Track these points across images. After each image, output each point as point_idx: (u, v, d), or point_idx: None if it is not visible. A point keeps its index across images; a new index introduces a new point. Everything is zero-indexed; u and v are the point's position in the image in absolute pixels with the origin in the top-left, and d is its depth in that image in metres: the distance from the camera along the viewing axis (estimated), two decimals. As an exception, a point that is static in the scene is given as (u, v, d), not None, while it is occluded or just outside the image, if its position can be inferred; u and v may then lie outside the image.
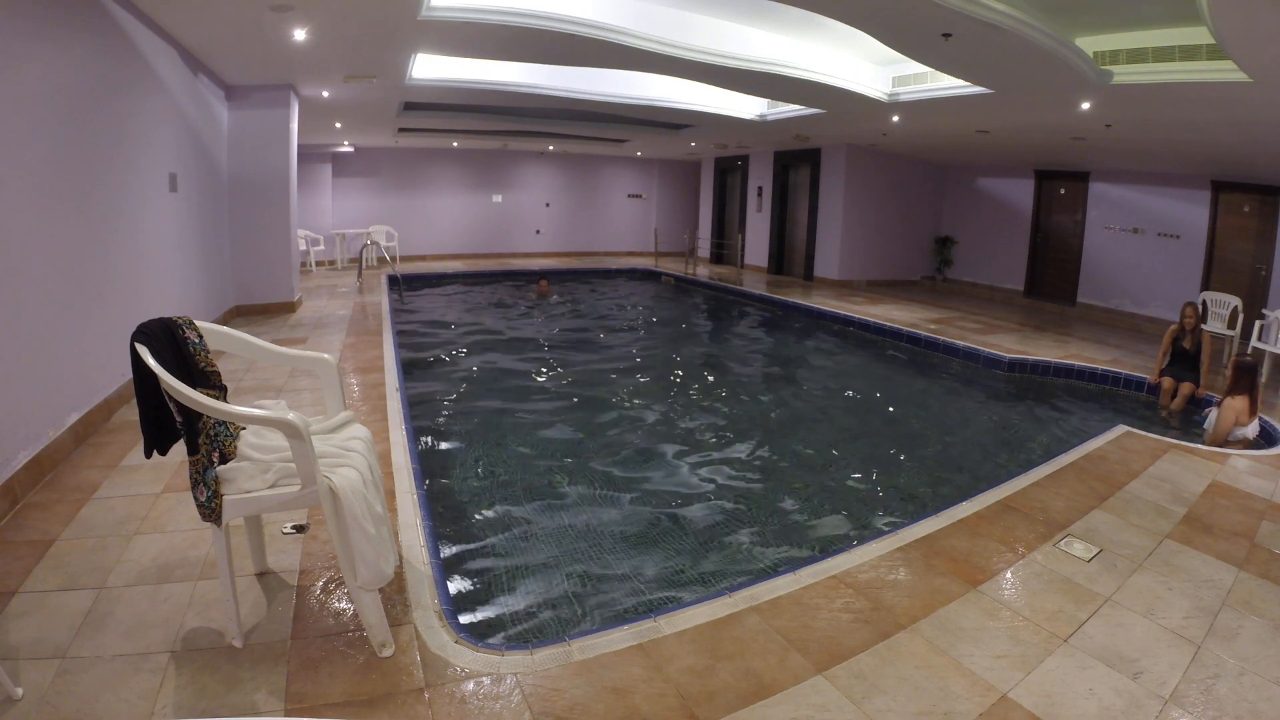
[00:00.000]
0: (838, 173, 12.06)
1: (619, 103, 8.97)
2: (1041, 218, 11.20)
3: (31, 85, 3.39)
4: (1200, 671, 2.19)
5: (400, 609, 2.36)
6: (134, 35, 4.81)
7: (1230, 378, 4.93)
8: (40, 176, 3.47)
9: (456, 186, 15.34)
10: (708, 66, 6.65)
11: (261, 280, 7.95)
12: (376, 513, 2.16)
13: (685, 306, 11.39)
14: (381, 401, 4.66)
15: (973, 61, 5.89)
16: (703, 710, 1.95)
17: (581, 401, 5.84)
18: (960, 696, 2.04)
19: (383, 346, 6.35)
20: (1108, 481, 3.78)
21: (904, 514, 3.80)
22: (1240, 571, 2.84)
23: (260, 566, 2.55)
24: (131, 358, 2.07)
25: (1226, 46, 4.53)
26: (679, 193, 17.90)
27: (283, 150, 7.83)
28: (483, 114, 10.29)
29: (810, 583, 2.65)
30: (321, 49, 5.94)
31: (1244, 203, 8.64)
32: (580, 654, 2.18)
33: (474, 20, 5.22)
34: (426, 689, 1.98)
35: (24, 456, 3.17)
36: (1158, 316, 9.23)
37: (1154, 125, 7.21)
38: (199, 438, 2.04)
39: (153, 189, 5.22)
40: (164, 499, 3.11)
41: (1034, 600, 2.59)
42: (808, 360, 8.05)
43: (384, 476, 3.27)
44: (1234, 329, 7.26)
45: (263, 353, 2.48)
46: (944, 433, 5.38)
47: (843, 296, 10.86)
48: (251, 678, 1.99)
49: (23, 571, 2.48)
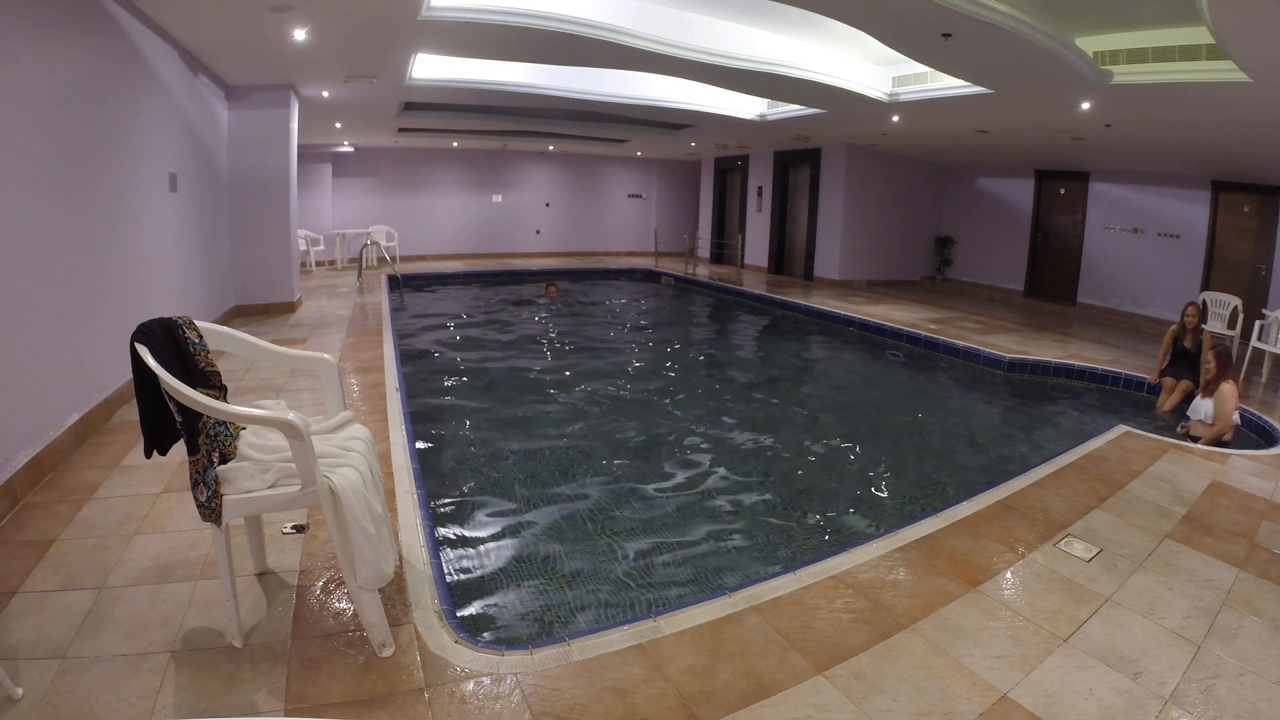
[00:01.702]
0: (838, 173, 12.06)
1: (619, 103, 8.97)
2: (1041, 218, 11.19)
3: (32, 85, 3.39)
4: (1200, 671, 2.19)
5: (400, 609, 2.36)
6: (134, 35, 4.81)
7: (1216, 366, 4.99)
8: (40, 176, 3.47)
9: (456, 186, 15.34)
10: (708, 66, 6.65)
11: (261, 280, 7.95)
12: (376, 513, 2.16)
13: (685, 307, 11.38)
14: (381, 401, 4.66)
15: (973, 61, 5.88)
16: (703, 710, 1.95)
17: (581, 401, 5.84)
18: (960, 696, 2.04)
19: (383, 346, 6.35)
20: (1108, 481, 3.78)
21: (904, 514, 3.80)
22: (1240, 571, 2.84)
23: (260, 566, 2.55)
24: (131, 358, 2.07)
25: (1226, 46, 4.53)
26: (679, 193, 17.90)
27: (283, 150, 7.83)
28: (483, 114, 10.29)
29: (810, 583, 2.65)
30: (321, 49, 5.94)
31: (1244, 203, 8.63)
32: (580, 654, 2.18)
33: (474, 20, 5.22)
34: (426, 689, 1.98)
35: (24, 456, 3.17)
36: (1158, 316, 9.22)
37: (1154, 125, 7.21)
38: (199, 438, 2.04)
39: (153, 189, 5.22)
40: (164, 499, 3.11)
41: (1034, 600, 2.59)
42: (807, 360, 8.05)
43: (384, 476, 3.27)
44: (1234, 329, 7.26)
45: (263, 353, 2.48)
46: (944, 433, 5.38)
47: (843, 296, 10.86)
48: (251, 678, 1.99)
49: (23, 571, 2.48)
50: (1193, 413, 5.13)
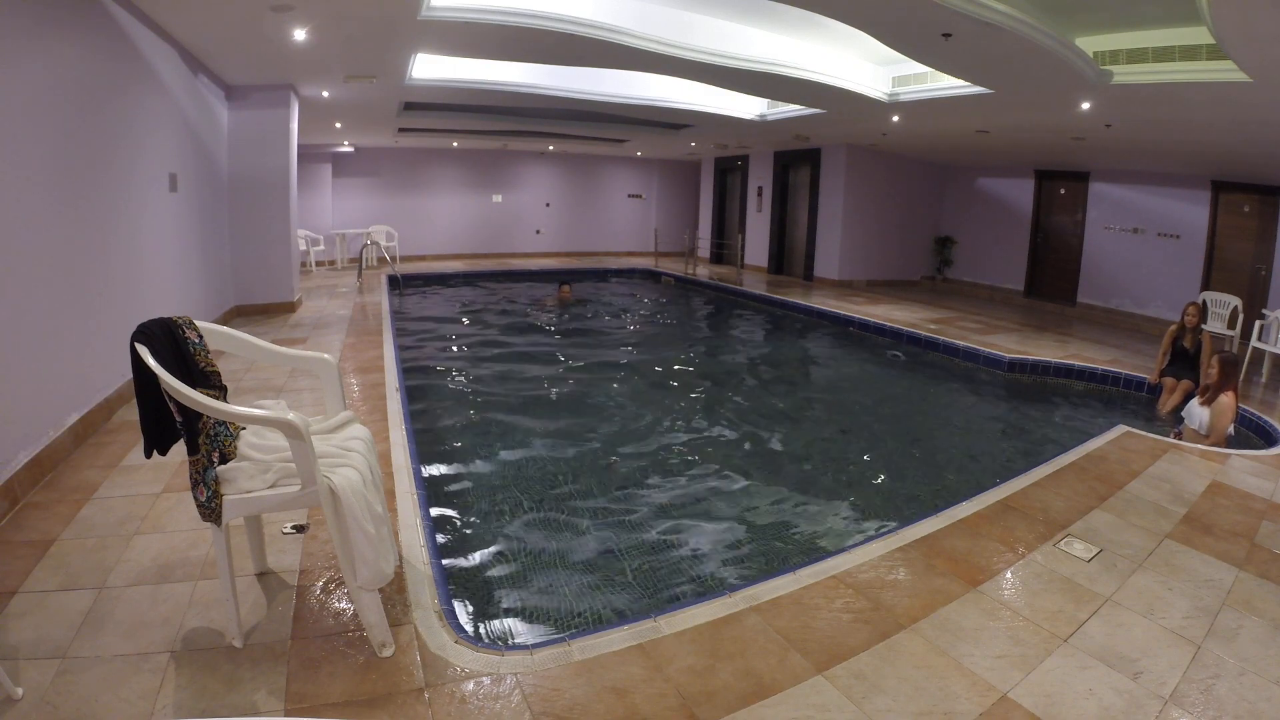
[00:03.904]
0: (838, 173, 12.06)
1: (619, 103, 8.97)
2: (1041, 218, 11.19)
3: (31, 85, 3.39)
4: (1200, 671, 2.19)
5: (400, 609, 2.36)
6: (134, 35, 4.81)
7: (1219, 375, 4.71)
8: (40, 176, 3.47)
9: (456, 186, 15.34)
10: (708, 66, 6.65)
11: (261, 280, 7.95)
12: (376, 513, 2.16)
13: (685, 307, 11.38)
14: (381, 401, 4.66)
15: (973, 61, 5.88)
16: (703, 710, 1.95)
17: (582, 401, 5.84)
18: (960, 696, 2.04)
19: (383, 346, 6.35)
20: (1108, 481, 3.78)
21: (904, 514, 3.80)
22: (1240, 571, 2.84)
23: (260, 566, 2.55)
24: (131, 358, 2.07)
25: (1226, 46, 4.53)
26: (679, 193, 17.90)
27: (283, 150, 7.83)
28: (483, 114, 10.29)
29: (810, 583, 2.65)
30: (321, 49, 5.94)
31: (1244, 203, 8.63)
32: (580, 654, 2.18)
33: (474, 20, 5.22)
34: (426, 689, 1.98)
35: (24, 456, 3.17)
36: (1158, 316, 9.22)
37: (1154, 125, 7.21)
38: (199, 438, 2.04)
39: (153, 189, 5.22)
40: (164, 499, 3.11)
41: (1034, 600, 2.59)
42: (808, 360, 8.06)
43: (384, 476, 3.27)
44: (1234, 329, 7.26)
45: (263, 353, 2.48)
46: (944, 433, 5.38)
47: (843, 296, 10.86)
48: (251, 678, 1.99)
49: (23, 571, 2.48)
50: (1187, 417, 4.93)
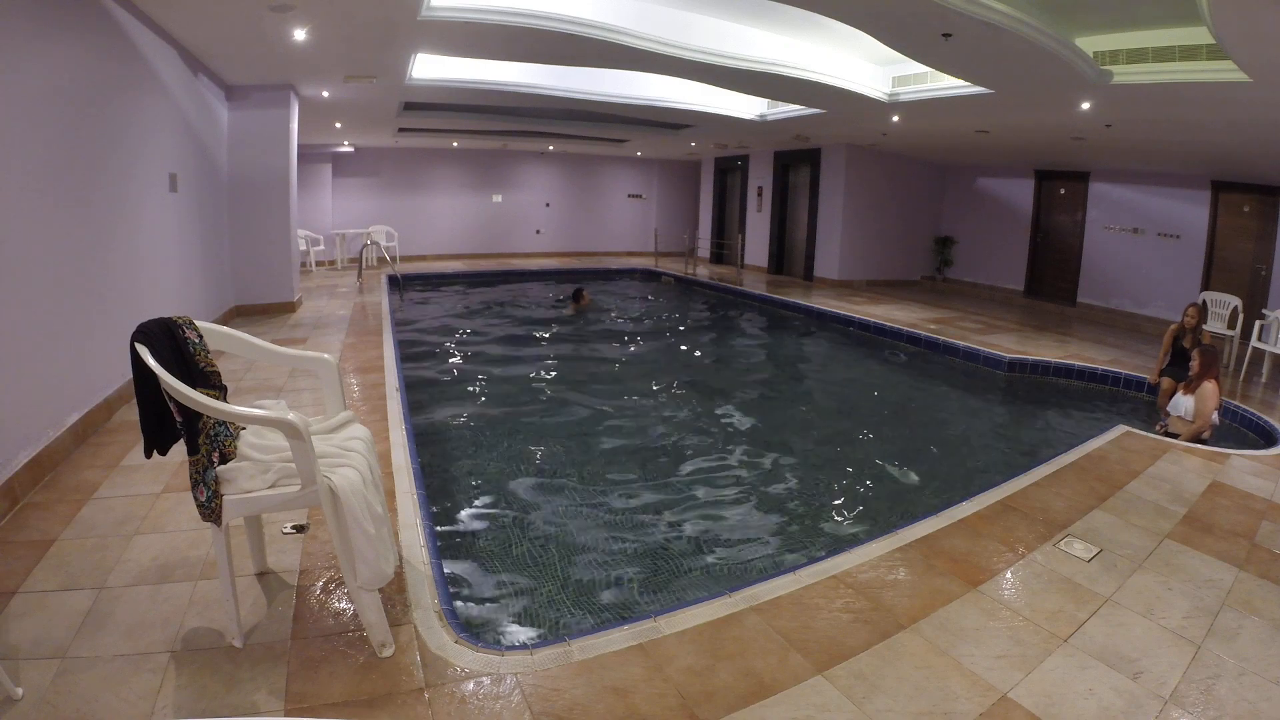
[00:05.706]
0: (838, 173, 12.06)
1: (619, 103, 8.97)
2: (1041, 218, 11.20)
3: (31, 85, 3.38)
4: (1200, 671, 2.19)
5: (400, 609, 2.36)
6: (134, 35, 4.81)
7: (1200, 364, 4.83)
8: (40, 176, 3.47)
9: (456, 186, 15.34)
10: (708, 66, 6.65)
11: (261, 280, 7.95)
12: (376, 513, 2.16)
13: (685, 307, 11.38)
14: (381, 401, 4.66)
15: (973, 61, 5.88)
16: (703, 710, 1.95)
17: (582, 401, 5.84)
18: (960, 696, 2.04)
19: (383, 346, 6.35)
20: (1108, 481, 3.78)
21: (904, 514, 3.80)
22: (1240, 571, 2.84)
23: (260, 566, 2.55)
24: (131, 358, 2.07)
25: (1226, 46, 4.53)
26: (679, 193, 17.90)
27: (283, 150, 7.83)
28: (483, 114, 10.28)
29: (810, 583, 2.65)
30: (321, 49, 5.94)
31: (1244, 203, 8.63)
32: (580, 654, 2.18)
33: (474, 20, 5.22)
34: (426, 689, 1.98)
35: (24, 456, 3.17)
36: (1158, 316, 9.22)
37: (1154, 125, 7.20)
38: (199, 438, 2.04)
39: (152, 189, 5.21)
40: (164, 499, 3.11)
41: (1034, 600, 2.59)
42: (808, 360, 8.05)
43: (384, 476, 3.27)
44: (1234, 329, 7.26)
45: (263, 353, 2.48)
46: (944, 433, 5.38)
47: (843, 296, 10.86)
48: (251, 678, 1.99)
49: (23, 571, 2.48)
50: (1173, 408, 5.05)
